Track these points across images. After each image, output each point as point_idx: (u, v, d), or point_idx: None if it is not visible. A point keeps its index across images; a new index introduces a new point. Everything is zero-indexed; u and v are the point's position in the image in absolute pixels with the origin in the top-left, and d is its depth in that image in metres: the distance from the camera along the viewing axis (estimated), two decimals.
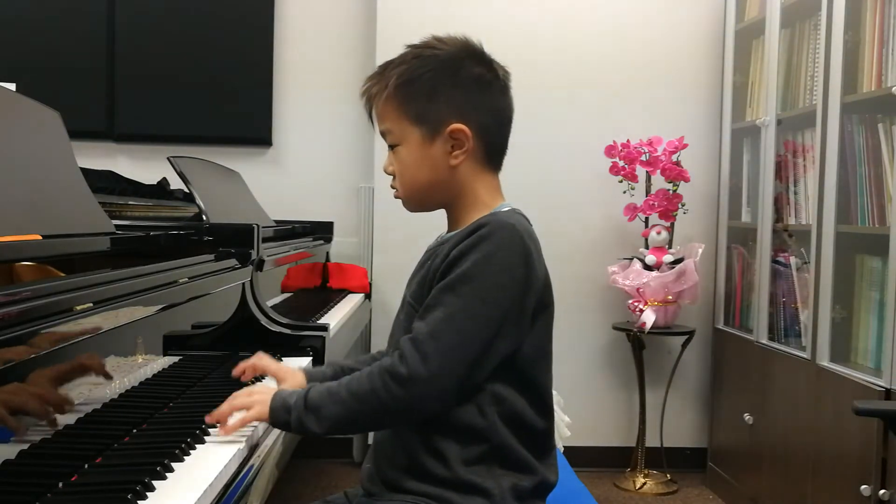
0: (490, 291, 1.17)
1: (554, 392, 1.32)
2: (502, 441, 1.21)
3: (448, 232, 1.33)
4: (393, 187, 1.33)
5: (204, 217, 2.14)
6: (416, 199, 1.32)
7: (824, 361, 2.43)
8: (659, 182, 3.24)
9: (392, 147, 1.30)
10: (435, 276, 1.23)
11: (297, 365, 1.79)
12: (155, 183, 2.75)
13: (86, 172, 1.54)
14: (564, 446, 2.53)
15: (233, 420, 1.24)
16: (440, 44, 1.30)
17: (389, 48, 1.35)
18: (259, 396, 1.25)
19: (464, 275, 1.18)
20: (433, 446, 1.21)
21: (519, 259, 1.19)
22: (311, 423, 1.19)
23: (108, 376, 1.21)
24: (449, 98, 1.26)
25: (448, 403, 1.18)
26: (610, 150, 3.24)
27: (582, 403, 3.32)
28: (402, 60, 1.28)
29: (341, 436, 1.26)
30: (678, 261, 3.19)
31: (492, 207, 1.29)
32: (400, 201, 1.35)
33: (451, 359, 1.15)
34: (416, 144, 1.27)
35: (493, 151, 1.31)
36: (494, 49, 1.33)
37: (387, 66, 1.30)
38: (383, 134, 1.31)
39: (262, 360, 1.49)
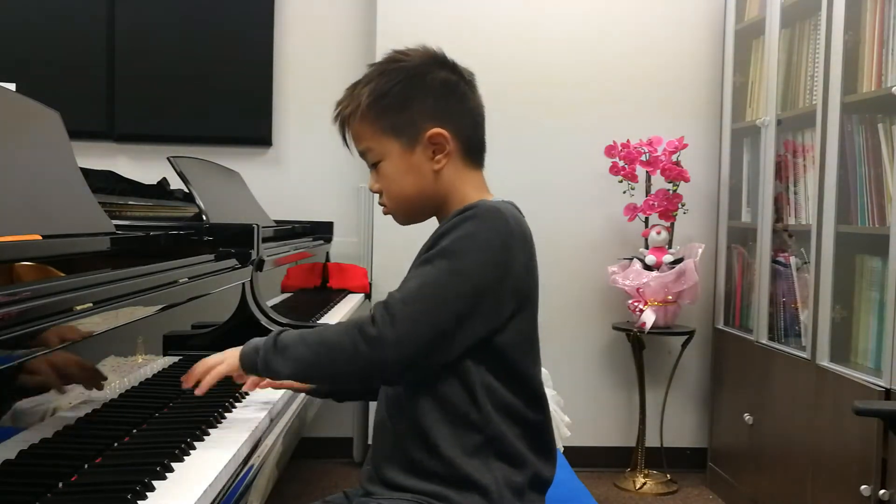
0: (465, 266, 1.18)
1: (554, 392, 1.32)
2: (497, 432, 1.22)
3: None
4: (382, 204, 1.35)
5: (204, 217, 2.14)
6: (407, 211, 1.34)
7: (824, 361, 2.43)
8: (659, 182, 3.24)
9: (374, 165, 1.32)
10: (420, 257, 1.25)
11: None
12: (155, 183, 2.75)
13: (86, 172, 1.54)
14: (564, 446, 2.53)
15: (205, 379, 1.28)
16: (403, 56, 1.32)
17: (389, 48, 1.35)
18: (230, 352, 1.29)
19: (443, 249, 1.20)
20: (430, 442, 1.22)
21: (499, 240, 1.20)
22: (278, 363, 1.22)
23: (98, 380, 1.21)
24: (422, 105, 1.28)
25: (410, 370, 1.20)
26: (610, 150, 3.24)
27: (582, 403, 3.32)
28: (368, 79, 1.30)
29: (304, 382, 1.32)
30: (678, 261, 3.19)
31: None
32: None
33: (418, 325, 1.16)
34: (398, 156, 1.29)
35: (472, 150, 1.33)
36: (494, 48, 1.34)
37: (355, 87, 1.32)
38: (363, 154, 1.33)
39: None
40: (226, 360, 1.28)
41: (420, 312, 1.17)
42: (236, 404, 1.46)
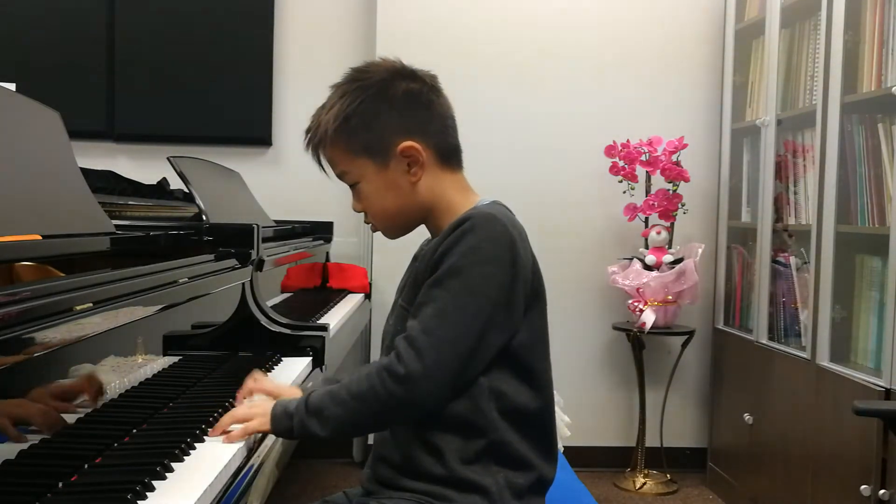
0: (478, 282, 1.18)
1: (554, 392, 1.32)
2: (500, 437, 1.22)
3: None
4: (368, 223, 1.36)
5: (204, 217, 2.14)
6: (394, 227, 1.35)
7: (824, 361, 2.43)
8: (659, 182, 3.24)
9: (353, 186, 1.32)
10: (423, 275, 1.24)
11: (296, 369, 1.80)
12: (155, 183, 2.75)
13: (86, 172, 1.54)
14: (564, 446, 2.53)
15: (234, 431, 1.24)
16: (361, 74, 1.32)
17: (389, 47, 1.36)
18: (259, 409, 1.27)
19: (451, 269, 1.19)
20: (431, 444, 1.22)
21: (504, 248, 1.20)
22: (315, 426, 1.20)
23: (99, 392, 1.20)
24: (387, 121, 1.28)
25: (446, 398, 1.19)
26: (610, 150, 3.24)
27: (582, 403, 3.32)
28: (331, 104, 1.30)
29: (344, 438, 1.30)
30: (678, 261, 3.19)
31: (468, 205, 1.29)
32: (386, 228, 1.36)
33: (445, 353, 1.16)
34: (374, 175, 1.30)
35: (447, 154, 1.32)
36: (493, 47, 1.34)
37: (319, 114, 1.32)
38: (341, 177, 1.34)
39: (258, 382, 1.44)
40: (256, 419, 1.25)
41: (443, 339, 1.16)
42: (236, 405, 1.45)
